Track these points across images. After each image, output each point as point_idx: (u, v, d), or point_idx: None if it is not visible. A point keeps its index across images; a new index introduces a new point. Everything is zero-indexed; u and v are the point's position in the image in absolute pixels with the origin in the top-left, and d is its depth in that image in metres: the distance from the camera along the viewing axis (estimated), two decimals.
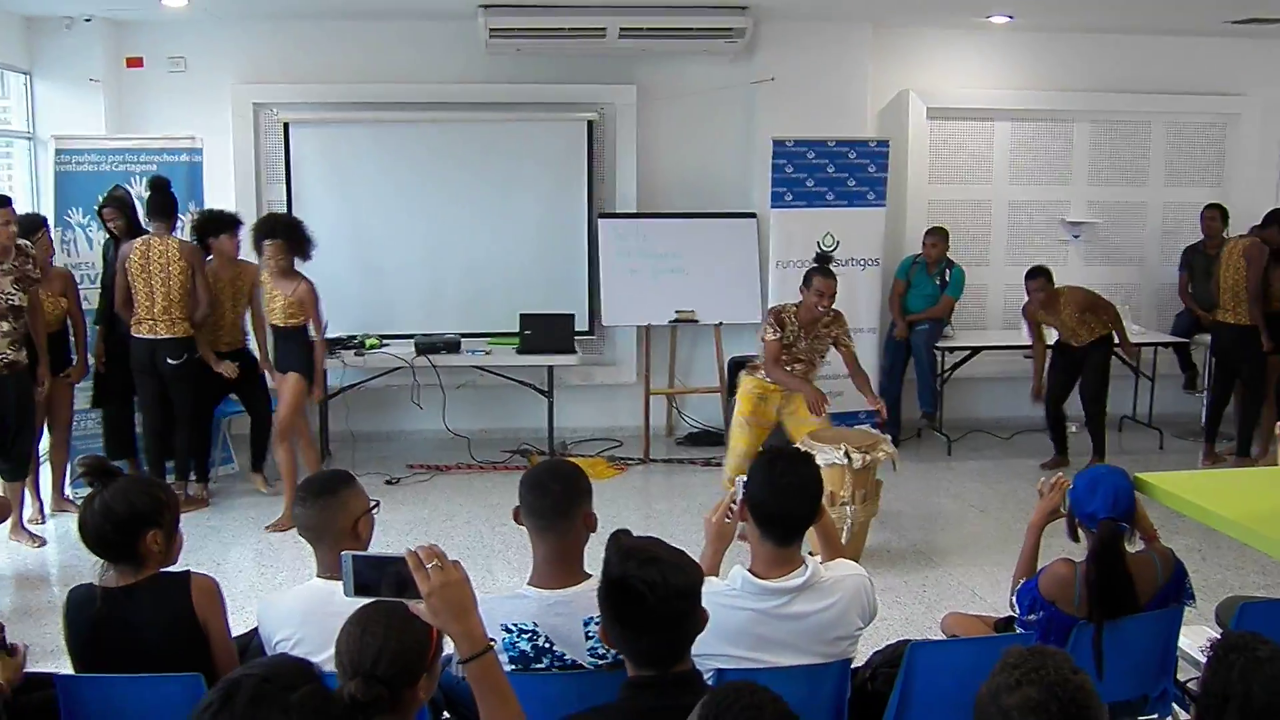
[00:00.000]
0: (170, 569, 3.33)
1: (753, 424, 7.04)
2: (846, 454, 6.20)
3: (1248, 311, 8.29)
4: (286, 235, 7.29)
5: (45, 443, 7.34)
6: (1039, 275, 8.32)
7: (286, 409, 7.28)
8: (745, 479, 3.20)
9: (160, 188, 7.42)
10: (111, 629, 3.19)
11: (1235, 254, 8.44)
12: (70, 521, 6.70)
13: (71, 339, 7.29)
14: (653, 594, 2.41)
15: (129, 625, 3.19)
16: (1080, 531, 3.74)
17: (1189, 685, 3.77)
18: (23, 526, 6.89)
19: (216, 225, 7.62)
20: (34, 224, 7.14)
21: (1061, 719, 2.02)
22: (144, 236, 7.35)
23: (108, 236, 7.67)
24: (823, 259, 7.04)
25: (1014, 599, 3.81)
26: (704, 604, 2.56)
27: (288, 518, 6.81)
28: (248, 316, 7.83)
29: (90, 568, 3.37)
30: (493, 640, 2.40)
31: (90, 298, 7.68)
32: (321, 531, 3.27)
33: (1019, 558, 3.97)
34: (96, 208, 7.63)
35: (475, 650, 2.27)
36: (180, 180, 7.92)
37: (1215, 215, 9.41)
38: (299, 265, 7.42)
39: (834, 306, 6.89)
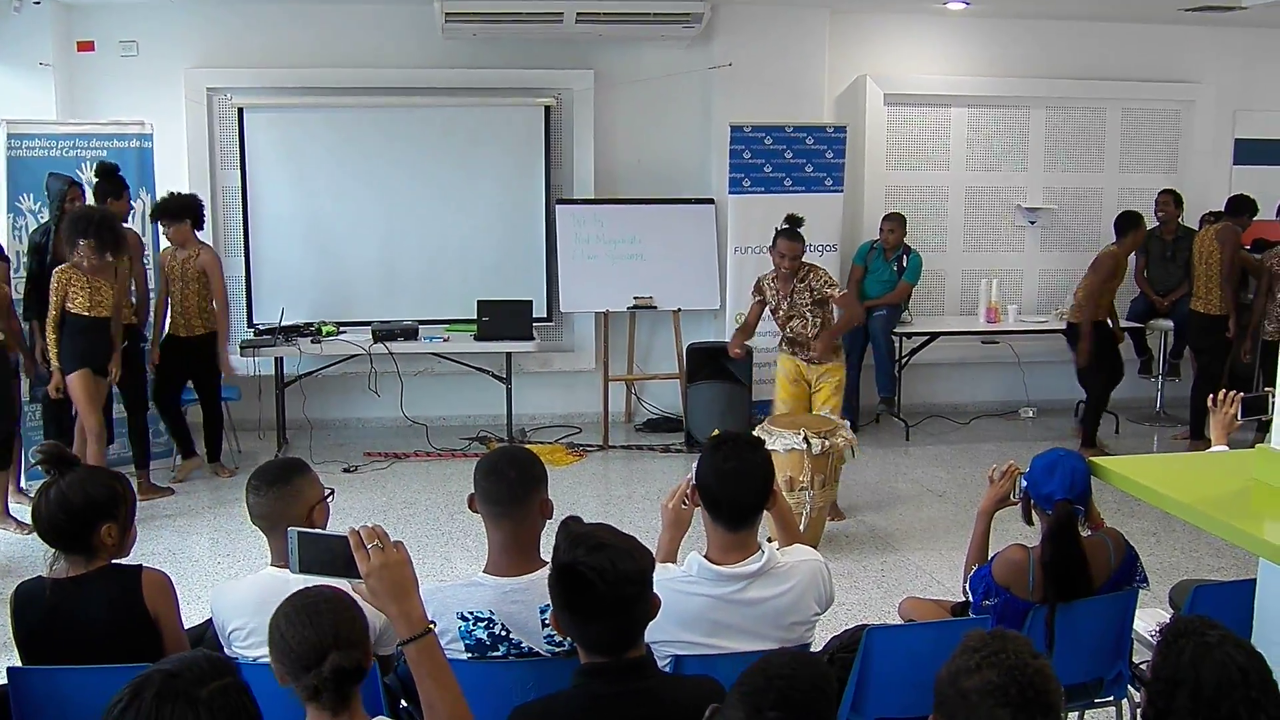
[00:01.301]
0: (122, 562, 3.30)
1: (789, 406, 7.13)
2: (805, 439, 6.21)
3: (1218, 300, 8.36)
4: (98, 235, 6.83)
5: None
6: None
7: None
8: (698, 463, 3.20)
9: (109, 173, 7.33)
10: (60, 621, 3.16)
11: (1208, 240, 8.51)
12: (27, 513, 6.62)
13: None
14: (601, 581, 2.40)
15: (77, 617, 3.16)
16: (1035, 514, 3.75)
17: (1141, 668, 3.80)
18: (8, 513, 6.84)
19: (175, 212, 7.60)
20: None
21: (1021, 702, 2.03)
22: None
23: (44, 224, 7.41)
24: (792, 221, 7.07)
25: (967, 586, 3.82)
26: (660, 590, 2.55)
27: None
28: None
29: (44, 558, 3.33)
30: (433, 623, 2.39)
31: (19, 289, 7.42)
32: (276, 520, 3.23)
33: (969, 544, 3.98)
34: (63, 188, 7.38)
35: (414, 632, 2.27)
36: (130, 166, 7.83)
37: (1168, 200, 9.48)
38: None
39: (810, 262, 7.10)
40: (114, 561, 3.28)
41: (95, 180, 7.46)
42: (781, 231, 6.99)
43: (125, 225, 7.37)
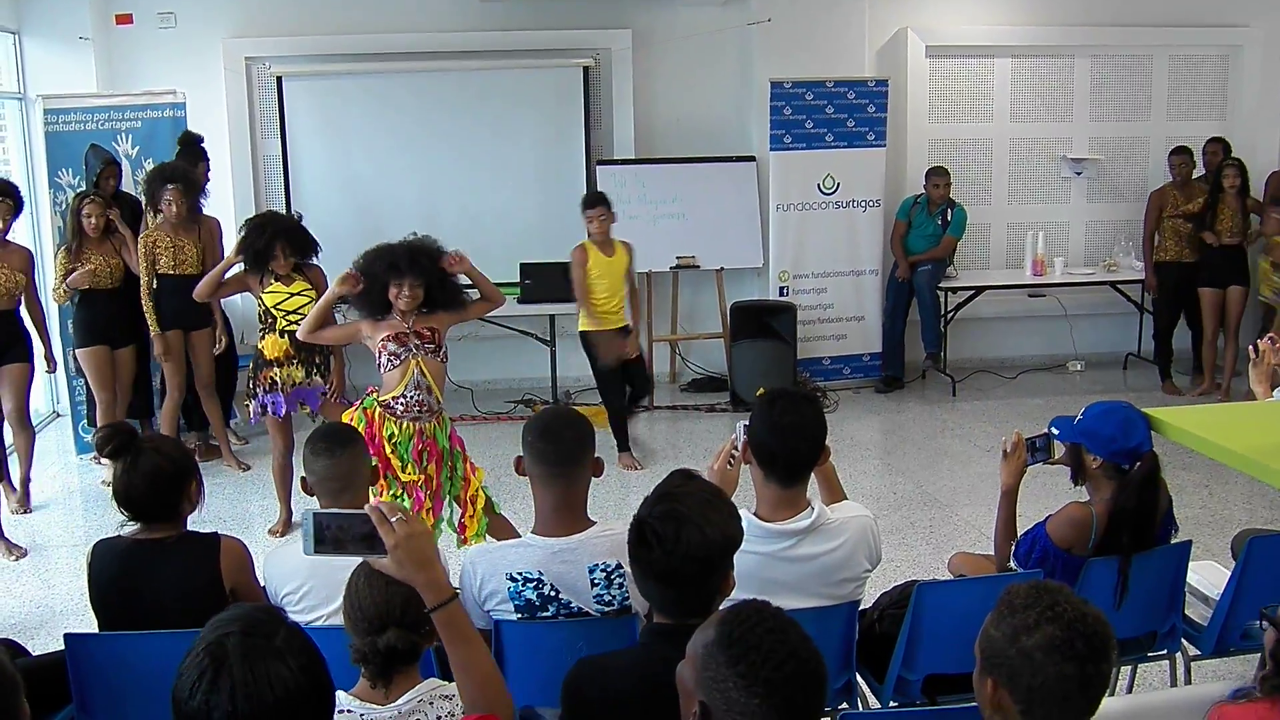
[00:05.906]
0: (198, 530, 3.36)
1: None
2: None
3: None
4: (185, 181, 6.98)
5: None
6: None
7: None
8: (745, 423, 3.18)
9: (189, 142, 7.52)
10: (137, 581, 3.22)
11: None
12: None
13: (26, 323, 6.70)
14: (660, 547, 2.37)
15: (154, 581, 3.22)
16: (1096, 472, 3.63)
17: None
18: (2, 537, 6.15)
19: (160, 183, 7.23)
20: None
21: (1088, 654, 2.00)
22: None
23: (80, 192, 7.25)
24: None
25: (1013, 561, 3.78)
26: None
27: None
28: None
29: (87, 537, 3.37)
30: (458, 589, 2.41)
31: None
32: (350, 479, 3.40)
33: (996, 526, 3.95)
34: (99, 168, 7.44)
35: (441, 599, 2.27)
36: (165, 135, 7.85)
37: (1217, 149, 9.28)
38: None
39: None
40: (189, 530, 3.34)
41: (178, 149, 7.53)
42: None
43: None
